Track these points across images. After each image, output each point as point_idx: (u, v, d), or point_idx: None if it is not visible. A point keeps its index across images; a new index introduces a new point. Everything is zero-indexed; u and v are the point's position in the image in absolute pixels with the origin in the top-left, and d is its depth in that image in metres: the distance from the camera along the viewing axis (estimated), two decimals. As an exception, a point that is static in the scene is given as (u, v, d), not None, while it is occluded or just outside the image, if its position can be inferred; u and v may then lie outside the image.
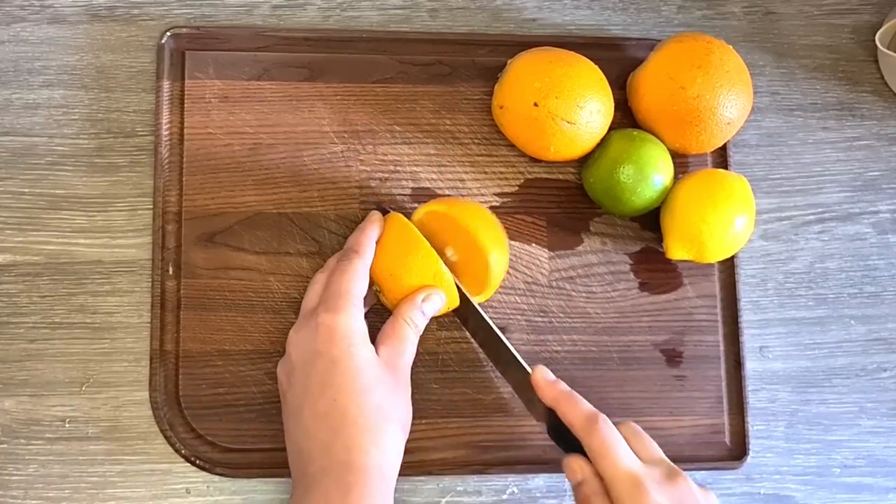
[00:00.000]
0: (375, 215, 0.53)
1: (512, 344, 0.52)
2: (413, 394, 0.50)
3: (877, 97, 0.63)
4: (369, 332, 0.49)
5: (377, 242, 0.52)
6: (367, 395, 0.46)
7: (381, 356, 0.49)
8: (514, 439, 0.56)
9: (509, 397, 0.56)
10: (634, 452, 0.47)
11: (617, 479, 0.45)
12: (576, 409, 0.48)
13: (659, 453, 0.48)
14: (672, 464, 0.47)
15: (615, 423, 0.48)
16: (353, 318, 0.48)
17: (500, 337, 0.52)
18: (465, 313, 0.53)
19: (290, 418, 0.48)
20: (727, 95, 0.54)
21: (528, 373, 0.51)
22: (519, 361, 0.51)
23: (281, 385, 0.50)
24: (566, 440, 0.49)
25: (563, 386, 0.50)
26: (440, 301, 0.51)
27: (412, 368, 0.51)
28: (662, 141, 0.56)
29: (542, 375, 0.50)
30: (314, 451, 0.46)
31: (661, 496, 0.44)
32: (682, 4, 0.63)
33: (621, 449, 0.46)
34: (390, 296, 0.51)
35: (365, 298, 0.50)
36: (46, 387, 0.54)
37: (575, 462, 0.48)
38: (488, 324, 0.52)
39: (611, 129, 0.57)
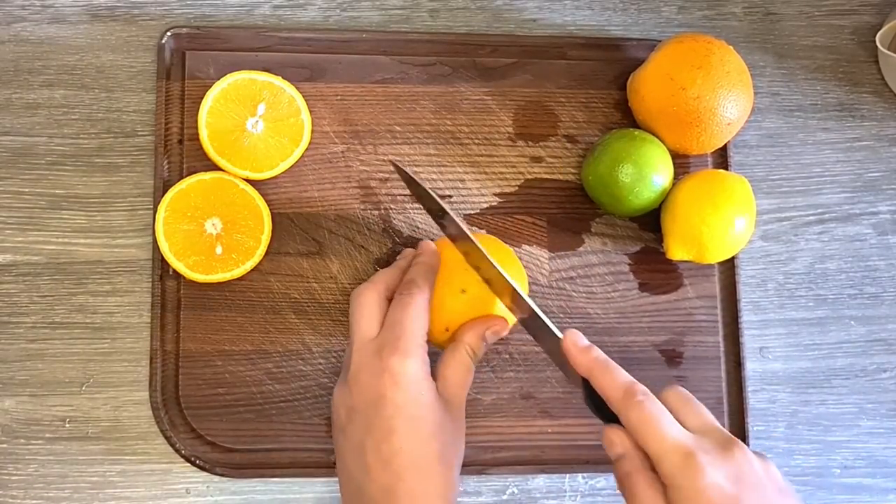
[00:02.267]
0: (429, 245, 0.51)
1: (512, 344, 0.51)
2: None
3: (877, 98, 0.63)
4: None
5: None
6: (432, 441, 0.45)
7: (442, 390, 0.47)
8: (513, 439, 0.56)
9: (509, 397, 0.56)
10: (681, 422, 0.42)
11: (664, 454, 0.40)
12: (612, 379, 0.43)
13: (711, 420, 0.43)
14: (725, 431, 0.42)
15: (659, 392, 0.44)
16: (421, 363, 0.46)
17: (527, 301, 0.47)
18: (487, 275, 0.49)
19: (350, 453, 0.46)
20: (727, 96, 0.54)
21: (559, 338, 0.46)
22: (549, 326, 0.46)
23: (339, 417, 0.47)
24: (606, 409, 0.44)
25: (598, 353, 0.44)
26: (505, 331, 0.49)
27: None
28: (663, 141, 0.56)
29: (574, 341, 0.45)
30: (375, 493, 0.44)
31: (716, 471, 0.39)
32: (682, 5, 0.63)
33: (665, 420, 0.41)
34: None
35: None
36: (46, 387, 0.54)
37: (615, 434, 0.42)
38: (514, 288, 0.47)
39: (611, 129, 0.57)
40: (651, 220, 0.58)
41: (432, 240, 0.53)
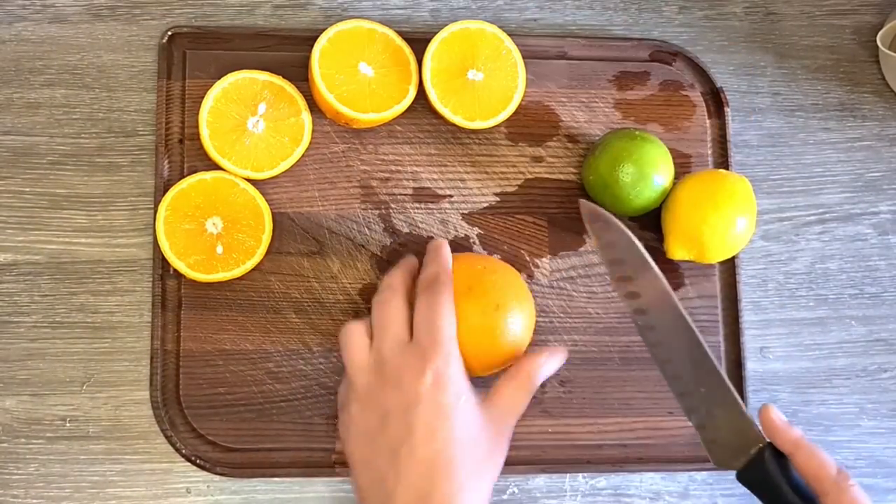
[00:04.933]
0: (442, 242, 0.51)
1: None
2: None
3: (878, 98, 0.63)
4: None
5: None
6: (474, 449, 0.45)
7: (489, 407, 0.47)
8: (514, 439, 0.56)
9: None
10: None
11: None
12: (823, 459, 0.43)
13: None
14: None
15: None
16: (461, 364, 0.46)
17: (705, 352, 0.46)
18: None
19: (381, 459, 0.45)
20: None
21: (736, 402, 0.46)
22: (728, 388, 0.46)
23: (365, 425, 0.46)
24: (764, 487, 0.44)
25: (800, 431, 0.45)
26: (562, 361, 0.50)
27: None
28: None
29: (778, 416, 0.45)
30: (408, 496, 0.43)
31: None
32: (683, 5, 0.63)
33: None
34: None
35: None
36: (47, 386, 0.54)
37: None
38: (687, 324, 0.46)
39: (611, 128, 0.57)
40: (651, 220, 0.58)
41: (430, 238, 0.53)
